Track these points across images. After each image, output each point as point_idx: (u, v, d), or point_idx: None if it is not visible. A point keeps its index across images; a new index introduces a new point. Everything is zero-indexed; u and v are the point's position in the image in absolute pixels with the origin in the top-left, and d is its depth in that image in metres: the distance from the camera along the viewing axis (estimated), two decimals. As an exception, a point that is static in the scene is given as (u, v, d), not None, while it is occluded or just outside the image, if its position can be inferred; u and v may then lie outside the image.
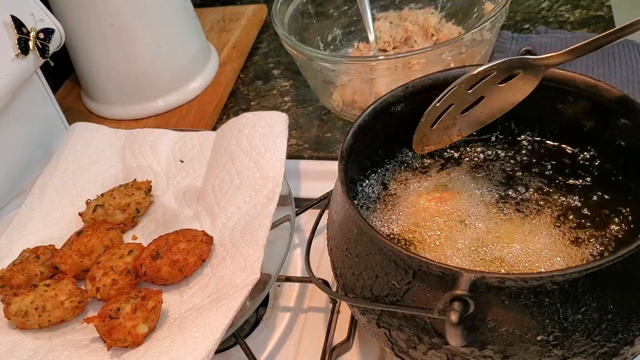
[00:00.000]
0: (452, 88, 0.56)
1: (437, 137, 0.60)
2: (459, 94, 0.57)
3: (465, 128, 0.60)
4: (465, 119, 0.59)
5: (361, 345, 0.64)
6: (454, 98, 0.57)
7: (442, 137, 0.61)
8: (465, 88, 0.57)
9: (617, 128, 0.57)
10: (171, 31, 0.96)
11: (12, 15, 0.76)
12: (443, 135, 0.61)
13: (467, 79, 0.56)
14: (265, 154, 0.76)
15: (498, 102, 0.58)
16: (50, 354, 0.62)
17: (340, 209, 0.55)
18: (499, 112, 0.59)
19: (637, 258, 0.44)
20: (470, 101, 0.58)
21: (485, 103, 0.58)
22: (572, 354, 0.44)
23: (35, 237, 0.76)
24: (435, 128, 0.59)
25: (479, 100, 0.58)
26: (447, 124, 0.59)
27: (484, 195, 0.59)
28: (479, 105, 0.58)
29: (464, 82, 0.56)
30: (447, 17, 0.97)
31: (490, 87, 0.57)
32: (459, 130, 0.60)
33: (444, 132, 0.60)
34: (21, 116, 0.84)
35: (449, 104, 0.58)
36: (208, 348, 0.57)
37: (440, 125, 0.59)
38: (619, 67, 0.85)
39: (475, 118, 0.59)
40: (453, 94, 0.57)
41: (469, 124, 0.60)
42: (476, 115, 0.59)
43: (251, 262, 0.66)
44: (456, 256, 0.54)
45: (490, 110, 0.59)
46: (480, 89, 0.57)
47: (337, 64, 0.83)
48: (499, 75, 0.56)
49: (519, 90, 0.57)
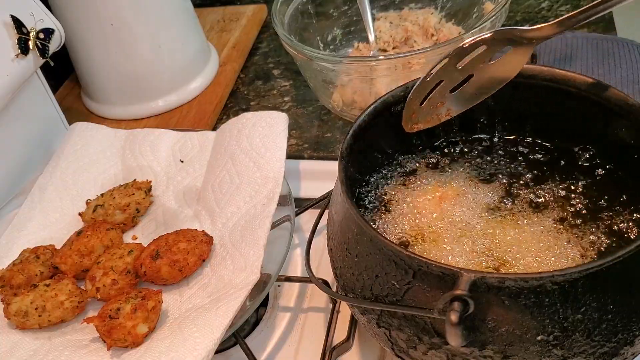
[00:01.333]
0: (441, 61, 0.56)
1: (426, 115, 0.60)
2: (448, 71, 0.57)
3: (454, 107, 0.60)
4: (454, 97, 0.59)
5: (361, 345, 0.64)
6: (443, 75, 0.57)
7: (431, 115, 0.61)
8: (454, 64, 0.57)
9: (617, 128, 0.57)
10: (171, 31, 0.96)
11: (12, 15, 0.76)
12: (432, 114, 0.61)
13: (456, 52, 0.56)
14: (265, 154, 0.76)
15: (487, 80, 0.58)
16: (50, 354, 0.62)
17: (340, 209, 0.55)
18: (488, 91, 0.59)
19: (637, 258, 0.44)
20: (459, 79, 0.58)
21: (475, 81, 0.58)
22: (572, 354, 0.44)
23: (35, 237, 0.76)
24: (424, 106, 0.60)
25: (468, 78, 0.58)
26: (436, 102, 0.60)
27: (484, 195, 0.59)
28: (468, 84, 0.58)
29: (453, 55, 0.56)
30: (447, 17, 0.97)
31: (479, 65, 0.57)
32: (447, 109, 0.60)
33: (433, 111, 0.60)
34: (21, 116, 0.84)
35: (439, 81, 0.58)
36: (208, 348, 0.57)
37: (430, 102, 0.59)
38: (619, 67, 0.85)
39: (464, 97, 0.59)
40: (442, 70, 0.57)
41: (457, 103, 0.60)
42: (465, 94, 0.59)
43: (251, 262, 0.66)
44: (456, 256, 0.54)
45: (479, 88, 0.59)
46: (470, 66, 0.57)
47: (337, 64, 0.83)
48: (488, 52, 0.56)
49: (508, 66, 0.56)
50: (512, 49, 0.55)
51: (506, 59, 0.56)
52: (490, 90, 0.58)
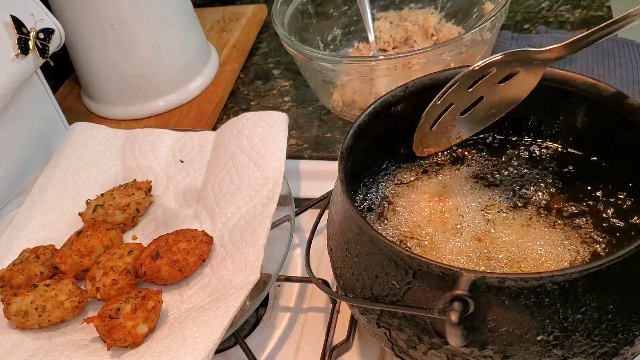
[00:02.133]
0: (452, 85, 0.56)
1: (436, 138, 0.60)
2: (459, 93, 0.57)
3: (464, 130, 0.60)
4: (464, 120, 0.59)
5: (361, 345, 0.64)
6: (453, 97, 0.57)
7: (441, 139, 0.60)
8: (464, 87, 0.56)
9: (617, 128, 0.57)
10: (171, 31, 0.96)
11: (12, 15, 0.76)
12: (442, 137, 0.60)
13: (466, 75, 0.56)
14: (265, 154, 0.76)
15: (498, 102, 0.57)
16: (50, 354, 0.62)
17: (340, 209, 0.55)
18: (499, 113, 0.58)
19: (637, 258, 0.44)
20: (469, 102, 0.58)
21: (485, 103, 0.58)
22: (572, 354, 0.44)
23: (35, 237, 0.76)
24: (434, 129, 0.59)
25: (479, 101, 0.58)
26: (447, 125, 0.59)
27: (483, 195, 0.59)
28: (479, 106, 0.58)
29: (463, 78, 0.56)
30: (447, 17, 0.97)
31: (489, 87, 0.56)
32: (458, 132, 0.60)
33: (444, 134, 0.60)
34: (21, 116, 0.84)
35: (449, 104, 0.57)
36: (208, 348, 0.57)
37: (440, 126, 0.59)
38: (619, 67, 0.85)
39: (474, 119, 0.59)
40: (453, 92, 0.56)
41: (468, 126, 0.60)
42: (476, 116, 0.59)
43: (251, 262, 0.66)
44: (456, 256, 0.54)
45: (490, 110, 0.58)
46: (480, 89, 0.57)
47: (337, 64, 0.83)
48: (498, 74, 0.56)
49: (518, 88, 0.56)
50: (522, 71, 0.55)
51: (516, 80, 0.56)
52: (501, 112, 0.58)
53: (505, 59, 0.55)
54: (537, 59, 0.54)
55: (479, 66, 0.55)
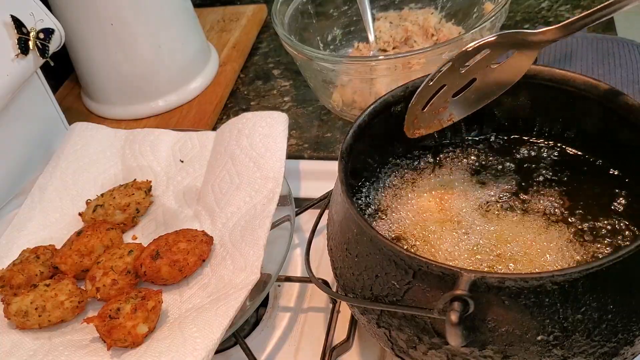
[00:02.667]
0: (444, 65, 0.56)
1: (428, 120, 0.60)
2: (451, 75, 0.56)
3: (456, 112, 0.60)
4: (456, 102, 0.59)
5: (361, 345, 0.64)
6: (445, 79, 0.57)
7: (432, 120, 0.60)
8: (457, 68, 0.56)
9: (617, 128, 0.57)
10: (171, 31, 0.96)
11: (12, 15, 0.76)
12: (434, 119, 0.60)
13: (459, 56, 0.55)
14: (265, 154, 0.76)
15: (490, 85, 0.57)
16: (50, 354, 0.62)
17: (340, 209, 0.55)
18: (492, 95, 0.58)
19: (637, 258, 0.44)
20: (462, 83, 0.57)
21: (477, 85, 0.57)
22: (572, 354, 0.44)
23: (35, 237, 0.76)
24: (426, 111, 0.59)
25: (471, 83, 0.57)
26: (439, 106, 0.59)
27: (484, 196, 0.59)
28: (471, 88, 0.58)
29: (456, 59, 0.55)
30: (447, 17, 0.97)
31: (482, 69, 0.56)
32: (450, 114, 0.60)
33: (435, 116, 0.60)
34: (21, 116, 0.84)
35: (441, 85, 0.57)
36: (208, 348, 0.57)
37: (432, 107, 0.59)
38: (619, 67, 0.85)
39: (467, 101, 0.59)
40: (445, 73, 0.56)
41: (460, 108, 0.59)
42: (468, 98, 0.58)
43: (251, 262, 0.66)
44: (456, 256, 0.54)
45: (482, 92, 0.58)
46: (472, 71, 0.56)
47: (337, 64, 0.83)
48: (492, 55, 0.55)
49: (512, 71, 0.56)
50: (516, 53, 0.54)
51: (510, 62, 0.55)
52: (493, 95, 0.58)
53: (499, 40, 0.54)
54: (532, 41, 0.54)
55: (472, 47, 0.55)
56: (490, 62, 0.56)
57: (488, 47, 0.55)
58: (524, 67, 0.55)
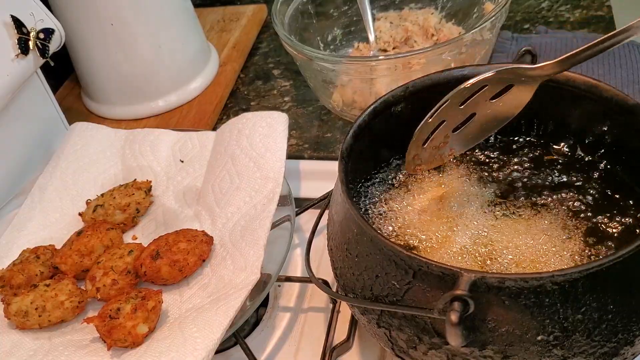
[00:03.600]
0: (443, 103, 0.55)
1: (428, 156, 0.60)
2: (451, 110, 0.56)
3: (457, 146, 0.60)
4: (457, 137, 0.58)
5: (361, 345, 0.64)
6: (445, 114, 0.56)
7: (434, 156, 0.60)
8: (456, 104, 0.56)
9: (617, 128, 0.57)
10: (171, 31, 0.96)
11: (12, 15, 0.76)
12: (435, 155, 0.60)
13: (457, 93, 0.55)
14: (265, 154, 0.76)
15: (490, 118, 0.57)
16: (50, 354, 0.62)
17: (340, 209, 0.55)
18: (492, 129, 0.58)
19: (637, 258, 0.44)
20: (462, 118, 0.57)
21: (477, 120, 0.57)
22: (572, 354, 0.44)
23: (35, 237, 0.76)
24: (427, 146, 0.58)
25: (471, 117, 0.57)
26: (439, 142, 0.59)
27: (484, 196, 0.59)
28: (471, 123, 0.57)
29: (455, 95, 0.55)
30: (447, 17, 0.97)
31: (481, 103, 0.56)
32: (450, 149, 0.60)
33: (436, 151, 0.59)
34: (21, 116, 0.84)
35: (441, 121, 0.57)
36: (208, 348, 0.57)
37: (432, 143, 0.58)
38: (619, 67, 0.85)
39: (467, 136, 0.59)
40: (444, 109, 0.56)
41: (461, 142, 0.59)
42: (468, 133, 0.58)
43: (251, 262, 0.66)
44: (456, 256, 0.54)
45: (482, 126, 0.58)
46: (472, 106, 0.56)
47: (337, 64, 0.83)
48: (491, 90, 0.55)
49: (511, 104, 0.55)
50: (515, 87, 0.54)
51: (509, 96, 0.55)
52: (494, 129, 0.58)
53: (497, 77, 0.54)
54: (530, 76, 0.53)
55: (471, 84, 0.54)
56: (489, 96, 0.55)
57: (487, 83, 0.54)
58: (524, 100, 0.55)
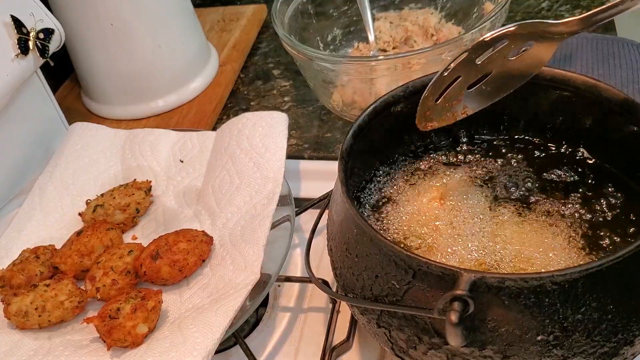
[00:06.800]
0: (460, 55, 0.53)
1: (441, 113, 0.57)
2: (467, 66, 0.54)
3: (470, 105, 0.57)
4: (471, 94, 0.56)
5: (361, 345, 0.64)
6: (461, 70, 0.54)
7: (446, 113, 0.57)
8: (473, 59, 0.54)
9: (617, 128, 0.57)
10: (171, 31, 0.96)
11: (12, 15, 0.76)
12: (447, 112, 0.57)
13: (475, 46, 0.53)
14: (265, 154, 0.76)
15: (507, 77, 0.55)
16: (50, 354, 0.62)
17: (340, 209, 0.55)
18: (508, 88, 0.55)
19: (637, 258, 0.44)
20: (478, 75, 0.55)
21: (493, 78, 0.55)
22: (572, 354, 0.44)
23: (35, 237, 0.76)
24: (439, 103, 0.56)
25: (487, 75, 0.55)
26: (452, 99, 0.56)
27: (484, 196, 0.59)
28: (487, 80, 0.55)
29: (472, 50, 0.53)
30: (447, 17, 0.97)
31: (499, 61, 0.53)
32: (464, 107, 0.57)
33: (449, 109, 0.57)
34: (21, 116, 0.84)
35: (456, 77, 0.55)
36: (208, 348, 0.57)
37: (445, 100, 0.56)
38: (619, 67, 0.85)
39: (482, 94, 0.56)
40: (460, 64, 0.54)
41: (475, 100, 0.57)
42: (483, 91, 0.56)
43: (251, 262, 0.66)
44: (456, 256, 0.54)
45: (498, 85, 0.55)
46: (489, 62, 0.53)
47: (337, 64, 0.83)
48: (509, 47, 0.52)
49: (530, 62, 0.53)
50: (535, 44, 0.52)
51: (528, 54, 0.53)
52: (510, 88, 0.55)
53: (518, 31, 0.52)
54: (553, 32, 0.51)
55: (490, 37, 0.52)
56: (507, 53, 0.53)
57: (506, 38, 0.52)
58: (544, 59, 0.53)
